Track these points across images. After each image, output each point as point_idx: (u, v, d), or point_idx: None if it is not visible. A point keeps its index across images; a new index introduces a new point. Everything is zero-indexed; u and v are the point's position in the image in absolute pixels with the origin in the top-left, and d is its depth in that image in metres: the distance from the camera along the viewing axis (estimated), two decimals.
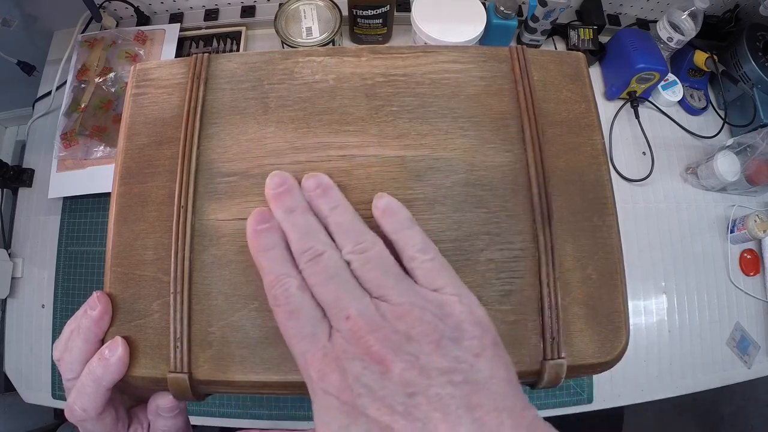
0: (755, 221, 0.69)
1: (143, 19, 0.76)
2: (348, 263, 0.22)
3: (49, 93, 0.72)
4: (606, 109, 0.76)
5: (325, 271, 0.21)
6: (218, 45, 0.74)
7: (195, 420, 0.59)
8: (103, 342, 0.25)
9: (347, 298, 0.21)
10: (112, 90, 0.68)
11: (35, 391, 0.63)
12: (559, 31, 0.78)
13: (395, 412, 0.18)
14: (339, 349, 0.20)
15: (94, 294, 0.25)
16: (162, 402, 0.26)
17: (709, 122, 0.78)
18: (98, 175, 0.65)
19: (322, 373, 0.20)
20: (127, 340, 0.24)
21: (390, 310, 0.20)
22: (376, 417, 0.18)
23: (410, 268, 0.22)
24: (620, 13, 0.81)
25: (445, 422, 0.18)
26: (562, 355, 0.24)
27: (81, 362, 0.24)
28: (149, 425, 0.27)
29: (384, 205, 0.24)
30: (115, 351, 0.24)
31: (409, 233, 0.23)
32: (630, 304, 0.50)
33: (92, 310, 0.25)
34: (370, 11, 0.69)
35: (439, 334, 0.20)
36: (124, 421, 0.27)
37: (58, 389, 0.62)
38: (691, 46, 0.75)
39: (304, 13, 0.68)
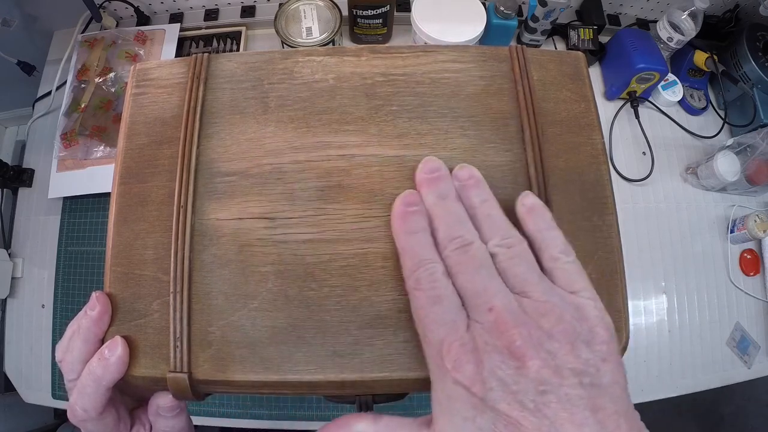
0: (755, 221, 0.69)
1: (143, 19, 0.76)
2: (493, 256, 0.22)
3: (49, 93, 0.72)
4: (606, 109, 0.76)
5: (472, 261, 0.21)
6: (218, 45, 0.75)
7: (195, 420, 0.59)
8: (103, 342, 0.25)
9: (492, 289, 0.20)
10: (112, 90, 0.68)
11: (35, 391, 0.63)
12: (559, 31, 0.78)
13: (525, 408, 0.18)
14: (479, 340, 0.20)
15: (93, 294, 0.25)
16: (162, 402, 0.26)
17: (709, 122, 0.78)
18: (98, 175, 0.65)
19: (458, 362, 0.19)
20: (127, 339, 0.24)
21: (533, 306, 0.20)
22: (506, 411, 0.18)
23: (550, 268, 0.22)
24: (620, 13, 0.81)
25: (571, 422, 0.18)
26: None
27: (82, 362, 0.24)
28: (152, 426, 0.27)
29: (531, 203, 0.24)
30: (115, 351, 0.24)
31: (553, 234, 0.23)
32: (630, 304, 0.50)
33: (91, 310, 0.25)
34: (370, 11, 0.69)
35: (575, 335, 0.20)
36: (126, 422, 0.27)
37: (58, 389, 0.62)
38: (691, 46, 0.75)
39: (304, 13, 0.68)
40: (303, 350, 0.24)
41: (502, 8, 0.68)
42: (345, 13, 0.69)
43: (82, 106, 0.67)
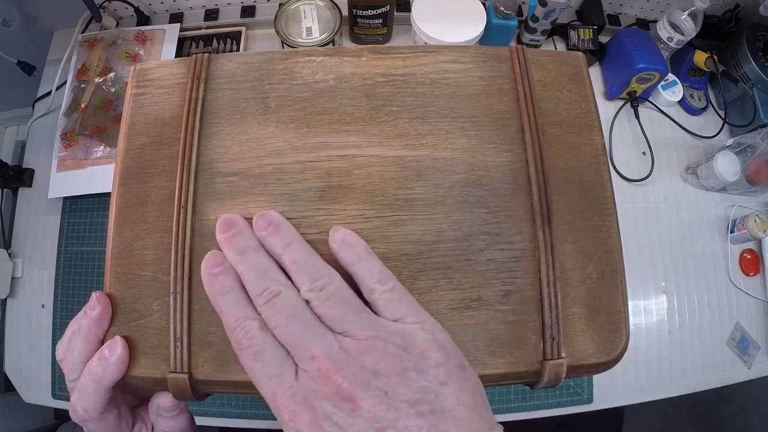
0: (755, 221, 0.69)
1: (143, 19, 0.76)
2: (308, 301, 0.22)
3: (49, 93, 0.72)
4: (606, 109, 0.76)
5: (283, 312, 0.21)
6: (218, 45, 0.74)
7: (195, 420, 0.59)
8: (103, 342, 0.25)
9: (310, 337, 0.21)
10: (112, 90, 0.68)
11: (35, 391, 0.63)
12: (559, 31, 0.78)
13: None
14: (307, 388, 0.20)
15: (94, 294, 0.25)
16: (161, 402, 0.26)
17: (709, 122, 0.78)
18: (98, 175, 0.65)
19: (292, 413, 0.20)
20: (127, 340, 0.24)
21: (354, 345, 0.20)
22: None
23: (371, 299, 0.22)
24: (620, 13, 0.81)
25: None
26: (562, 355, 0.24)
27: (82, 362, 0.24)
28: (153, 425, 0.27)
29: (340, 237, 0.24)
30: (115, 351, 0.24)
31: (367, 264, 0.23)
32: (630, 304, 0.50)
33: (92, 310, 0.25)
34: (370, 11, 0.69)
35: (404, 365, 0.20)
36: (127, 421, 0.27)
37: (58, 389, 0.62)
38: (691, 46, 0.75)
39: (304, 13, 0.68)
40: None
41: (502, 8, 0.68)
42: (345, 13, 0.69)
43: (82, 106, 0.67)
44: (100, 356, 0.24)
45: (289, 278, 0.23)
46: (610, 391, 0.64)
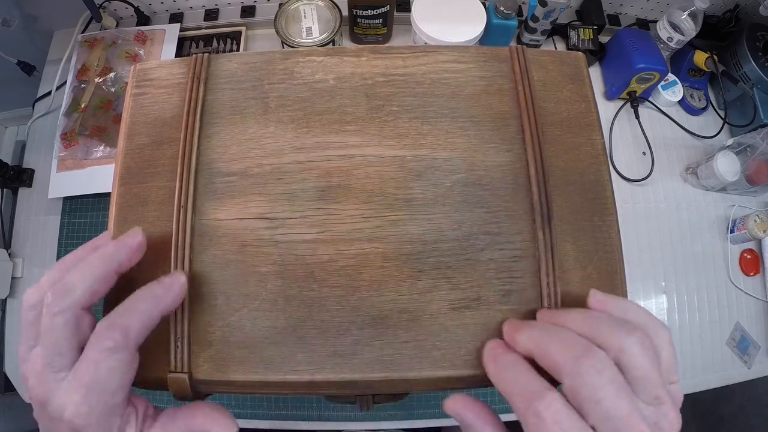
0: (755, 221, 0.69)
1: (143, 19, 0.76)
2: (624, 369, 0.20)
3: (49, 93, 0.72)
4: (606, 109, 0.76)
5: (613, 382, 0.19)
6: (218, 45, 0.74)
7: None
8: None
9: (636, 411, 0.19)
10: (112, 90, 0.68)
11: None
12: (559, 31, 0.78)
13: None
14: None
15: (133, 229, 0.24)
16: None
17: (709, 122, 0.78)
18: (98, 175, 0.65)
19: None
20: None
21: (667, 423, 0.20)
22: None
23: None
24: (620, 13, 0.81)
25: None
26: None
27: (92, 288, 0.22)
28: (144, 413, 0.24)
29: (603, 296, 0.23)
30: (178, 279, 0.23)
31: (648, 316, 0.22)
32: None
33: (132, 238, 0.24)
34: (370, 11, 0.69)
35: None
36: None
37: None
38: (691, 46, 0.75)
39: (304, 13, 0.68)
40: (303, 350, 0.24)
41: (502, 8, 0.68)
42: (345, 13, 0.69)
43: (82, 106, 0.67)
44: (160, 281, 0.23)
45: None
46: None
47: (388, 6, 0.68)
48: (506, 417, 0.61)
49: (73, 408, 0.20)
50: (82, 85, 0.69)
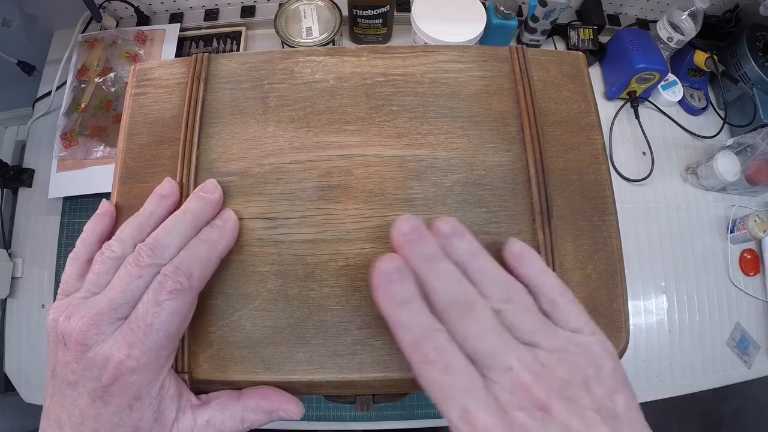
0: (755, 221, 0.69)
1: (143, 19, 0.76)
2: (497, 312, 0.21)
3: (49, 93, 0.72)
4: (606, 109, 0.76)
5: (479, 322, 0.20)
6: (218, 45, 0.74)
7: None
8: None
9: (505, 349, 0.20)
10: (112, 90, 0.68)
11: (35, 391, 0.63)
12: (559, 31, 0.78)
13: None
14: (503, 401, 0.19)
15: (210, 181, 0.26)
16: (292, 411, 0.24)
17: (709, 122, 0.78)
18: (98, 175, 0.65)
19: (487, 427, 0.19)
20: None
21: (546, 357, 0.20)
22: None
23: (549, 311, 0.22)
24: (620, 13, 0.81)
25: None
26: None
27: (180, 244, 0.23)
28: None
29: (519, 250, 0.24)
30: (229, 218, 0.25)
31: (548, 277, 0.23)
32: (630, 304, 0.50)
33: (211, 194, 0.25)
34: (370, 11, 0.69)
35: (587, 376, 0.20)
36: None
37: None
38: (691, 46, 0.75)
39: (304, 13, 0.68)
40: (303, 350, 0.24)
41: (502, 8, 0.68)
42: (345, 13, 0.69)
43: (82, 106, 0.67)
44: (212, 226, 0.24)
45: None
46: None
47: (388, 6, 0.68)
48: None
49: (126, 350, 0.21)
50: (82, 85, 0.69)
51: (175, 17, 0.77)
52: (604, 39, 0.77)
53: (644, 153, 0.74)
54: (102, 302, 0.21)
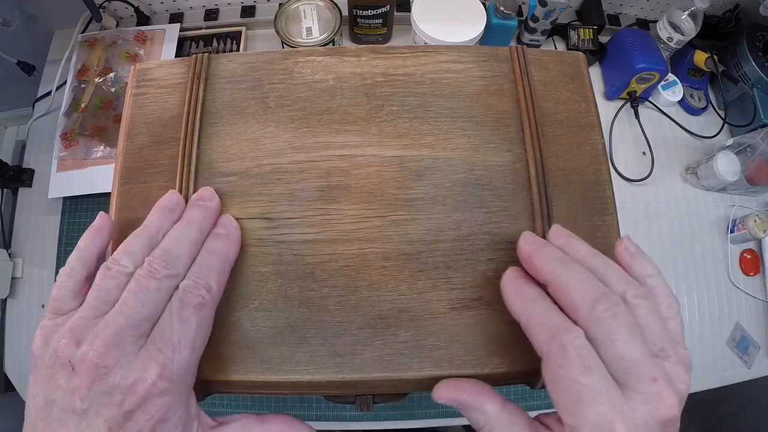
0: (755, 221, 0.69)
1: (143, 19, 0.76)
2: (633, 308, 0.20)
3: (49, 93, 0.72)
4: (606, 109, 0.76)
5: (626, 326, 0.19)
6: (218, 45, 0.74)
7: None
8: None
9: (648, 356, 0.19)
10: (112, 90, 0.68)
11: None
12: (559, 31, 0.78)
13: None
14: (644, 413, 0.18)
15: (206, 189, 0.25)
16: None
17: (709, 122, 0.78)
18: (98, 175, 0.65)
19: None
20: None
21: (675, 372, 0.20)
22: None
23: (666, 316, 0.22)
24: (620, 13, 0.81)
25: None
26: None
27: (191, 254, 0.23)
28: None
29: (635, 249, 0.23)
30: (230, 225, 0.25)
31: (662, 283, 0.22)
32: None
33: (209, 201, 0.25)
34: (370, 11, 0.69)
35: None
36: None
37: None
38: (691, 46, 0.75)
39: (304, 13, 0.68)
40: (303, 350, 0.24)
41: (502, 8, 0.68)
42: (345, 13, 0.69)
43: (82, 106, 0.67)
44: (216, 236, 0.24)
45: None
46: None
47: (388, 6, 0.68)
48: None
49: (157, 370, 0.19)
50: (82, 85, 0.69)
51: (175, 17, 0.77)
52: (604, 39, 0.77)
53: (644, 153, 0.74)
54: (119, 320, 0.20)
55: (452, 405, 0.23)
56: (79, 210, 0.68)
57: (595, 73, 0.78)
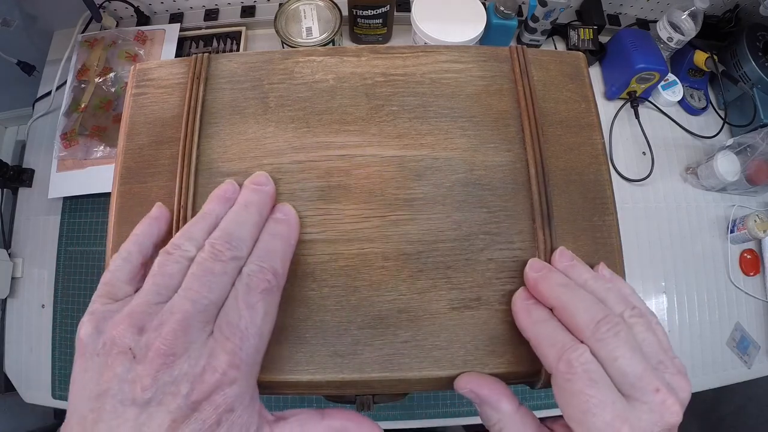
0: (755, 221, 0.69)
1: (143, 19, 0.76)
2: (631, 326, 0.22)
3: (49, 93, 0.72)
4: (606, 109, 0.76)
5: (627, 343, 0.21)
6: (218, 45, 0.74)
7: None
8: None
9: (650, 369, 0.21)
10: (112, 90, 0.68)
11: (35, 391, 0.63)
12: (559, 31, 0.78)
13: None
14: (647, 421, 0.20)
15: (261, 173, 0.25)
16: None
17: (709, 122, 0.78)
18: (98, 175, 0.65)
19: None
20: None
21: (675, 381, 0.21)
22: None
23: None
24: (620, 13, 0.81)
25: None
26: None
27: (253, 236, 0.22)
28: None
29: (610, 274, 0.25)
30: (289, 211, 0.25)
31: (639, 302, 0.24)
32: None
33: (265, 185, 0.25)
34: (370, 11, 0.69)
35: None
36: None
37: (58, 389, 0.62)
38: (691, 46, 0.75)
39: (304, 13, 0.68)
40: (303, 350, 0.24)
41: (502, 8, 0.68)
42: (345, 13, 0.69)
43: (82, 106, 0.67)
44: (276, 220, 0.24)
45: None
46: None
47: (388, 6, 0.68)
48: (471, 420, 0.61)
49: (227, 359, 0.18)
50: (82, 85, 0.69)
51: (175, 17, 0.77)
52: (604, 39, 0.77)
53: (644, 153, 0.74)
54: (185, 305, 0.19)
55: (470, 397, 0.23)
56: (79, 210, 0.68)
57: (595, 73, 0.78)
